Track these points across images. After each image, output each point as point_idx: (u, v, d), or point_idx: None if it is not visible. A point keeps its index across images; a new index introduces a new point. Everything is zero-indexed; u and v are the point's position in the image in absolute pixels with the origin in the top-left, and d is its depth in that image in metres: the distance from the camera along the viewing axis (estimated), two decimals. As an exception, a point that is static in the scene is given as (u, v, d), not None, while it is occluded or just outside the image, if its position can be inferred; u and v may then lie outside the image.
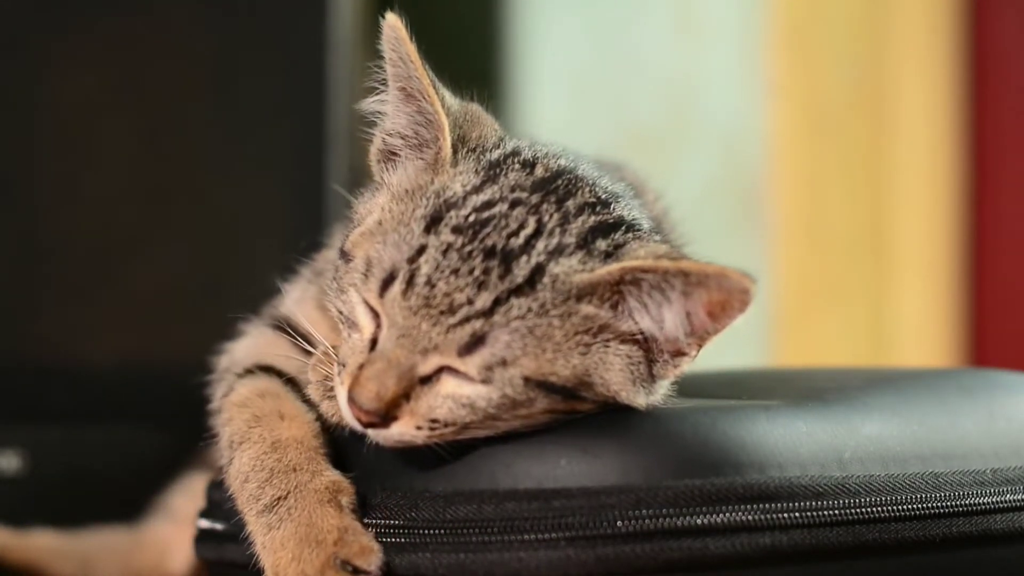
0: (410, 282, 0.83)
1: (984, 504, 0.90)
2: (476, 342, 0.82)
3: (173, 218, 1.56)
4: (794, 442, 0.87)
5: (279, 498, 0.87)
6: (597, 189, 0.90)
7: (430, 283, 0.83)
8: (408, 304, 0.83)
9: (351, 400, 0.84)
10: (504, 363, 0.83)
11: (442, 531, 0.84)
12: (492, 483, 0.84)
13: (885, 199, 2.38)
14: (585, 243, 0.85)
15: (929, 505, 0.88)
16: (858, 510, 0.86)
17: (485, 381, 0.83)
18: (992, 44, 2.47)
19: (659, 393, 0.88)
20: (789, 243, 2.31)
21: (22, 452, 1.49)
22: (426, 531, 0.85)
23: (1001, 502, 0.91)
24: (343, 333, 0.88)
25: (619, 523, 0.82)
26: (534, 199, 0.87)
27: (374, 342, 0.85)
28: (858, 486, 0.86)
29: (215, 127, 1.57)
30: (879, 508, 0.86)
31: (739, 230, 2.30)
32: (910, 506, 0.87)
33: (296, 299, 1.00)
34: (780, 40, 2.31)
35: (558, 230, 0.85)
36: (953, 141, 2.45)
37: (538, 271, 0.84)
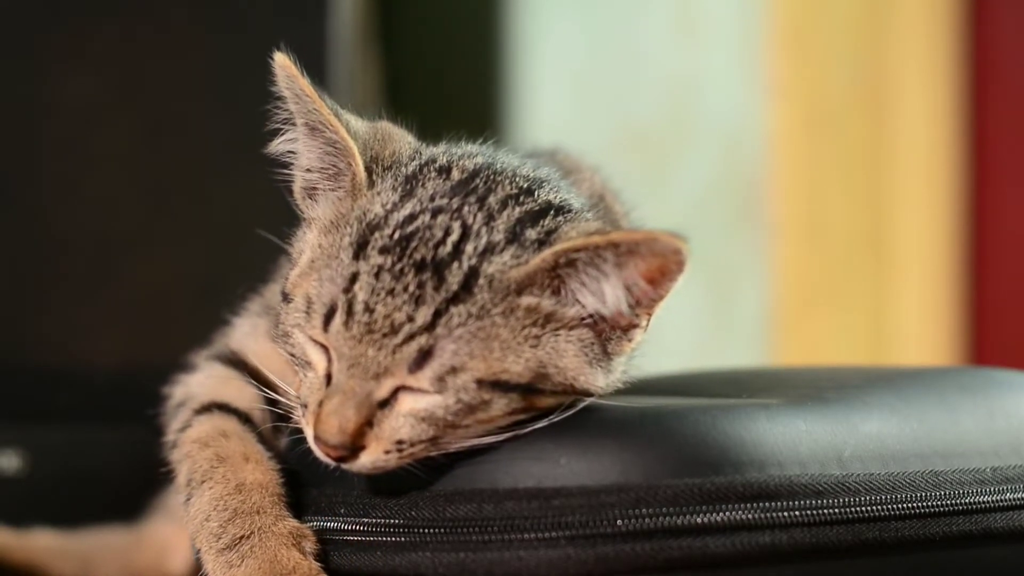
0: (349, 312, 0.83)
1: (984, 503, 0.90)
2: (424, 356, 0.82)
3: (173, 218, 1.56)
4: (794, 441, 0.87)
5: (241, 537, 0.87)
6: (518, 179, 0.90)
7: (368, 308, 0.83)
8: (352, 334, 0.83)
9: (316, 439, 0.84)
10: (454, 370, 0.82)
11: (442, 530, 0.84)
12: (492, 482, 0.84)
13: (885, 199, 2.38)
14: (515, 236, 0.85)
15: (929, 503, 0.88)
16: (858, 508, 0.86)
17: (439, 391, 0.83)
18: (992, 44, 2.47)
19: (617, 371, 0.88)
20: (789, 243, 2.31)
21: (22, 452, 1.49)
22: (426, 530, 0.85)
23: (1001, 500, 0.91)
24: (299, 374, 0.88)
25: (619, 522, 0.82)
26: (455, 203, 0.86)
27: (329, 377, 0.85)
28: (858, 484, 0.86)
29: (215, 127, 1.57)
30: (879, 506, 0.86)
31: (739, 230, 2.30)
32: (910, 504, 0.87)
33: (246, 333, 1.00)
34: (780, 40, 2.31)
35: (484, 229, 0.85)
36: (953, 141, 2.45)
37: (472, 275, 0.83)
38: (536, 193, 0.89)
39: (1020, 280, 2.48)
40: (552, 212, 0.87)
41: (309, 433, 0.85)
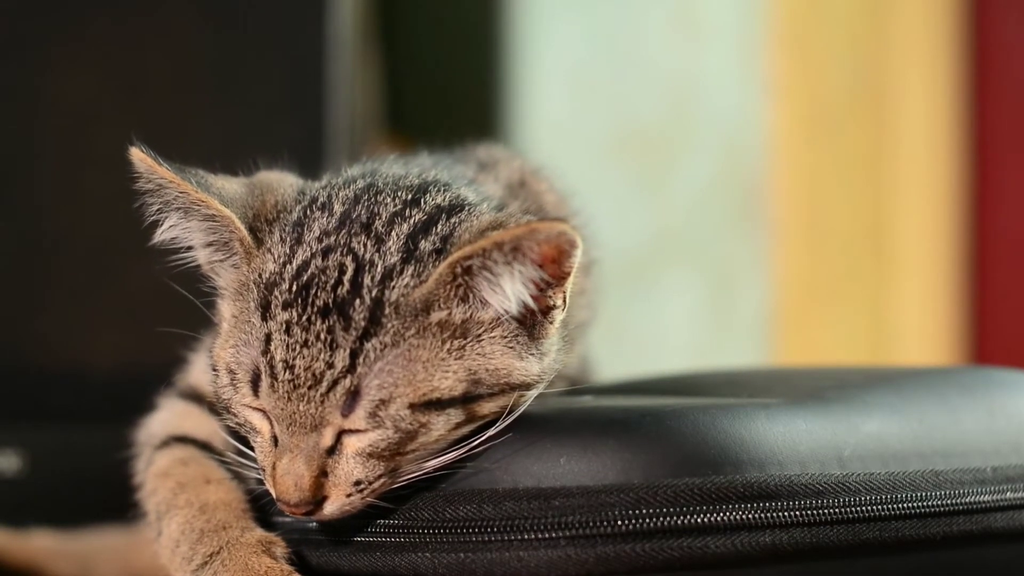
0: (272, 373, 0.83)
1: (984, 502, 0.90)
2: (352, 398, 0.82)
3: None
4: (794, 440, 0.87)
5: (212, 554, 0.87)
6: (400, 192, 0.89)
7: (288, 366, 0.83)
8: (280, 394, 0.83)
9: (278, 500, 0.84)
10: (384, 403, 0.82)
11: (442, 531, 0.84)
12: (492, 482, 0.84)
13: (885, 199, 2.38)
14: (409, 253, 0.85)
15: (929, 503, 0.88)
16: (858, 508, 0.85)
17: (377, 426, 0.83)
18: (992, 44, 2.47)
19: (552, 353, 0.88)
20: (789, 242, 2.31)
21: (22, 452, 1.49)
22: (426, 531, 0.85)
23: (1001, 500, 0.91)
24: (251, 440, 0.88)
25: (619, 522, 0.82)
26: (342, 238, 0.86)
27: (276, 438, 0.85)
28: (858, 484, 0.86)
29: (215, 127, 1.57)
30: (879, 506, 0.86)
31: (739, 229, 2.30)
32: (910, 504, 0.87)
33: (202, 368, 0.99)
34: (780, 40, 2.31)
35: (376, 256, 0.84)
36: (953, 140, 2.45)
37: (376, 306, 0.83)
38: (422, 201, 0.88)
39: (1020, 279, 2.48)
40: (444, 216, 0.87)
41: (274, 495, 0.85)
